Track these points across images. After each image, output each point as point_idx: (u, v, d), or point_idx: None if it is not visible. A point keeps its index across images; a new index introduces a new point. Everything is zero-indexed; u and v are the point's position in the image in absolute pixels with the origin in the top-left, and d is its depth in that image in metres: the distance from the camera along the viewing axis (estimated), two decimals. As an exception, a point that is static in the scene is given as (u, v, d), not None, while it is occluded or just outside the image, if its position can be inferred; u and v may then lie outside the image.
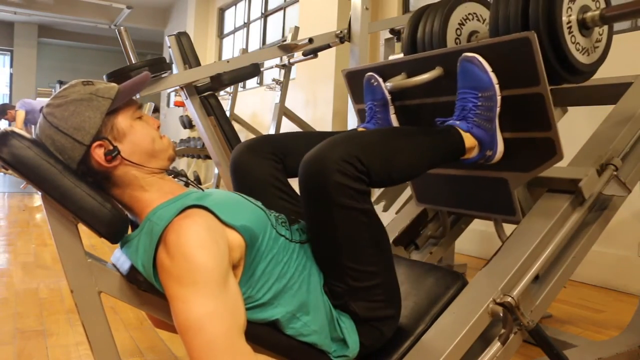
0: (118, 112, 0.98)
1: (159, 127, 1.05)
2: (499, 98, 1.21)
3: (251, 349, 0.89)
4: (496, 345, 1.09)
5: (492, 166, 1.29)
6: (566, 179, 1.28)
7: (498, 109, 1.22)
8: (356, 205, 0.99)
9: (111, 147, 0.95)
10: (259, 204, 1.08)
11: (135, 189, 0.99)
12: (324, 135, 1.26)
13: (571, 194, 1.26)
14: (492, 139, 1.23)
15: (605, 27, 1.37)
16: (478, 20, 1.58)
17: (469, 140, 1.21)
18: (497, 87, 1.20)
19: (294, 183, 1.15)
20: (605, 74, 1.47)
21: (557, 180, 1.30)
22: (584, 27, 1.30)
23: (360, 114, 1.67)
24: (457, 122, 1.22)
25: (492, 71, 1.20)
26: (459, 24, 1.53)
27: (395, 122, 1.46)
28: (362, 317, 1.04)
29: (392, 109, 1.45)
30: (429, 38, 1.53)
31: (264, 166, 1.23)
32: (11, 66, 11.08)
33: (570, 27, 1.27)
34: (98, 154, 0.95)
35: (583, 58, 1.31)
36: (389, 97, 1.44)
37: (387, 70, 1.45)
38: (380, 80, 1.44)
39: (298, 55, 3.63)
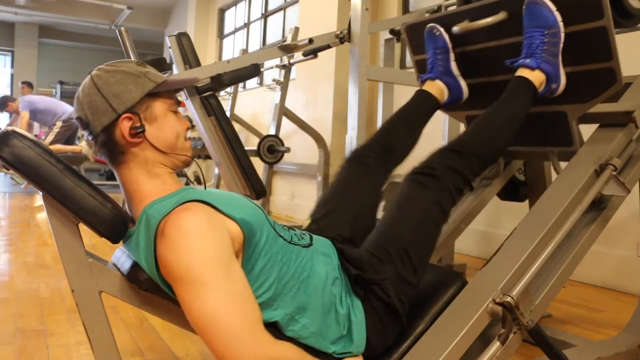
0: (158, 97, 1.01)
1: (187, 129, 1.06)
2: (562, 34, 1.32)
3: (270, 335, 0.90)
4: (496, 345, 1.09)
5: (552, 100, 1.40)
6: (619, 112, 1.40)
7: (562, 45, 1.33)
8: (446, 206, 1.18)
9: (139, 124, 0.97)
10: (259, 204, 1.08)
11: (142, 173, 0.99)
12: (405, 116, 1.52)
13: (623, 126, 1.37)
14: (557, 72, 1.35)
15: None
16: None
17: (538, 75, 1.33)
18: (561, 24, 1.31)
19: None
20: (604, 74, 1.48)
21: (610, 114, 1.41)
22: None
23: (419, 64, 1.75)
24: (527, 60, 1.33)
25: (557, 10, 1.30)
26: None
27: (455, 69, 1.56)
28: (387, 302, 1.06)
29: (452, 56, 1.55)
30: None
31: (370, 183, 1.36)
32: (12, 66, 11.08)
33: None
34: (124, 125, 0.96)
35: (635, 2, 1.41)
36: (450, 44, 1.54)
37: (449, 20, 1.53)
38: (442, 29, 1.54)
39: (298, 55, 3.63)
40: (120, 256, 1.07)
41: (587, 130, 1.46)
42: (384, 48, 3.41)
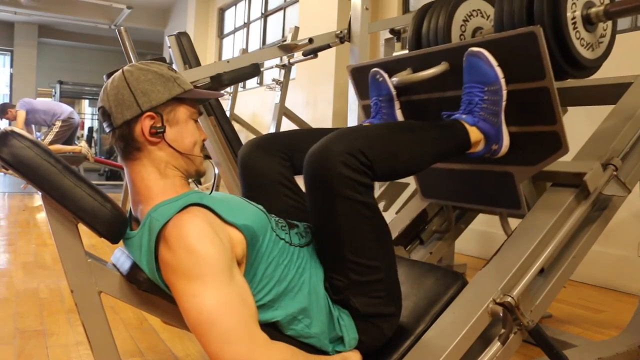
0: (183, 103, 1.02)
1: (204, 140, 1.07)
2: (504, 92, 1.22)
3: (267, 336, 0.90)
4: (496, 345, 1.09)
5: (497, 160, 1.31)
6: (571, 172, 1.29)
7: (504, 103, 1.23)
8: (359, 198, 1.00)
9: (160, 124, 0.97)
10: (261, 207, 1.08)
11: (154, 172, 0.99)
12: (331, 131, 1.28)
13: (576, 187, 1.27)
14: (498, 133, 1.24)
15: (610, 23, 1.38)
16: (482, 16, 1.59)
17: (475, 134, 1.22)
18: (503, 81, 1.21)
19: (300, 181, 1.15)
20: (605, 74, 1.47)
21: (562, 174, 1.31)
22: (589, 22, 1.32)
23: (365, 110, 1.68)
24: (464, 116, 1.23)
25: (498, 65, 1.21)
26: (464, 20, 1.54)
27: (400, 117, 1.46)
28: (363, 312, 1.04)
29: (397, 104, 1.47)
30: (433, 34, 1.54)
31: (272, 163, 1.24)
32: (11, 66, 11.07)
33: (574, 23, 1.29)
34: (146, 123, 0.97)
35: (587, 53, 1.33)
36: (394, 92, 1.45)
37: (392, 66, 1.47)
38: (386, 75, 1.45)
39: (298, 55, 3.62)
40: (119, 256, 1.07)
41: (588, 126, 1.46)
42: (384, 48, 3.41)
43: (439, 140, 1.20)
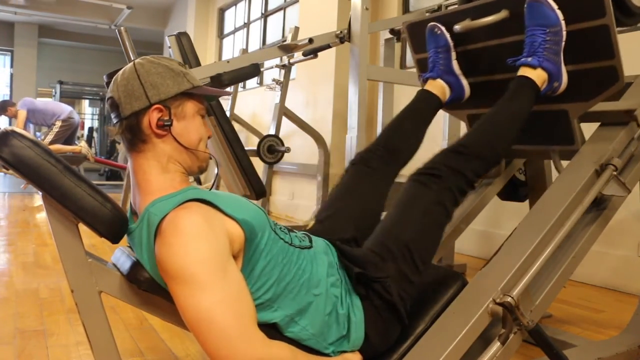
0: (191, 98, 1.03)
1: (209, 137, 1.08)
2: (564, 33, 1.32)
3: (265, 335, 0.90)
4: (496, 345, 1.09)
5: (553, 99, 1.39)
6: (621, 110, 1.39)
7: (563, 43, 1.33)
8: (449, 207, 1.16)
9: (167, 118, 0.98)
10: (261, 207, 1.08)
11: (157, 166, 0.99)
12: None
13: (625, 125, 1.36)
14: (559, 71, 1.35)
15: None
16: None
17: (540, 74, 1.33)
18: (563, 22, 1.31)
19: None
20: (605, 74, 1.47)
21: (612, 113, 1.41)
22: None
23: (420, 63, 1.74)
24: (529, 59, 1.34)
25: (559, 8, 1.30)
26: None
27: (456, 68, 1.55)
28: (389, 301, 1.06)
29: (454, 55, 1.55)
30: None
31: (379, 183, 1.38)
32: (11, 66, 11.07)
33: None
34: (153, 116, 0.97)
35: (637, 0, 1.41)
36: (451, 43, 1.54)
37: (450, 19, 1.52)
38: (443, 28, 1.53)
39: (298, 55, 3.63)
40: (120, 256, 1.07)
41: (588, 130, 1.46)
42: (384, 48, 3.41)
43: (524, 110, 1.35)
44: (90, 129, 10.73)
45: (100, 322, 1.02)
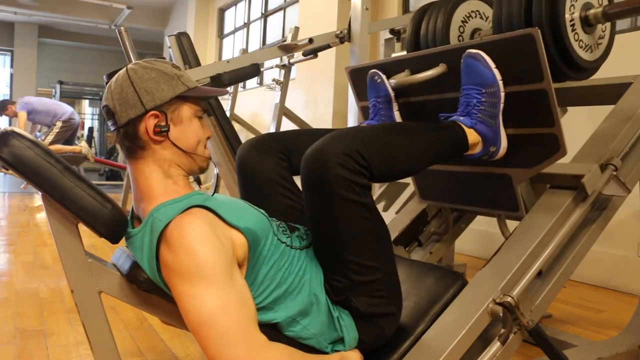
0: (187, 101, 1.01)
1: (208, 137, 1.07)
2: (502, 94, 1.21)
3: (265, 337, 0.90)
4: (496, 345, 1.09)
5: (495, 162, 1.30)
6: (569, 174, 1.28)
7: (502, 105, 1.22)
8: (357, 199, 1.00)
9: (164, 123, 0.97)
10: (263, 211, 1.08)
11: (158, 171, 0.99)
12: (329, 132, 1.28)
13: (574, 189, 1.27)
14: (495, 135, 1.24)
15: (608, 24, 1.38)
16: (481, 17, 1.58)
17: (472, 136, 1.21)
18: (500, 83, 1.20)
19: (299, 181, 1.15)
20: (605, 74, 1.47)
21: (560, 176, 1.31)
22: (587, 24, 1.31)
23: (364, 111, 1.67)
24: (461, 118, 1.22)
25: (496, 67, 1.20)
26: (462, 21, 1.54)
27: (399, 119, 1.46)
28: (363, 312, 1.04)
29: (395, 106, 1.46)
30: (432, 36, 1.54)
31: (270, 164, 1.23)
32: (11, 66, 11.07)
33: (573, 25, 1.28)
34: (150, 122, 0.97)
35: (586, 55, 1.32)
36: (392, 93, 1.45)
37: (390, 67, 1.46)
38: (384, 77, 1.44)
39: (298, 55, 3.63)
40: (120, 256, 1.07)
41: (591, 121, 1.46)
42: (384, 48, 3.41)
43: (437, 142, 1.19)
44: (90, 129, 10.73)
45: (100, 322, 1.02)
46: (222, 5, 7.87)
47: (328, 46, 2.86)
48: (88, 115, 12.44)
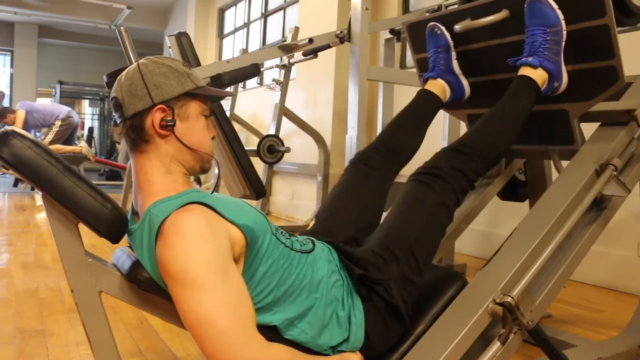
0: (195, 99, 1.02)
1: (213, 137, 1.07)
2: (564, 32, 1.32)
3: (263, 337, 0.90)
4: (496, 345, 1.09)
5: (553, 99, 1.39)
6: (621, 110, 1.38)
7: (564, 43, 1.33)
8: (451, 206, 1.17)
9: (170, 118, 0.98)
10: (261, 211, 1.08)
11: (159, 166, 0.99)
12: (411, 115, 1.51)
13: (624, 125, 1.36)
14: (559, 71, 1.35)
15: None
16: None
17: (540, 74, 1.33)
18: (563, 22, 1.31)
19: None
20: (605, 74, 1.47)
21: (611, 112, 1.40)
22: None
23: (420, 63, 1.74)
24: (530, 59, 1.33)
25: (559, 8, 1.30)
26: None
27: (457, 68, 1.55)
28: (389, 303, 1.06)
29: (454, 54, 1.55)
30: None
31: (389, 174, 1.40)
32: (11, 66, 11.07)
33: None
34: (157, 116, 0.97)
35: (638, 0, 1.40)
36: (452, 42, 1.54)
37: (450, 19, 1.52)
38: (443, 28, 1.53)
39: (298, 55, 3.63)
40: (120, 256, 1.07)
41: (588, 129, 1.46)
42: (384, 48, 3.41)
43: (526, 112, 1.35)
44: (90, 129, 10.73)
45: (100, 322, 1.02)
46: (222, 5, 7.87)
47: (328, 46, 2.86)
48: (88, 115, 12.44)
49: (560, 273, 1.26)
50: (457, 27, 1.45)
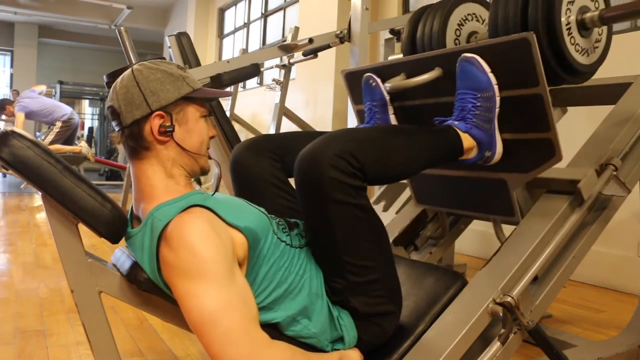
0: (192, 102, 1.02)
1: (212, 137, 1.07)
2: (498, 99, 1.20)
3: (268, 336, 0.90)
4: (496, 345, 1.09)
5: (491, 167, 1.29)
6: (565, 179, 1.27)
7: (497, 110, 1.21)
8: (351, 201, 0.99)
9: (169, 124, 0.98)
10: (263, 210, 1.08)
11: (160, 171, 0.99)
12: (323, 134, 1.27)
13: (570, 194, 1.26)
14: (490, 140, 1.23)
15: (605, 28, 1.37)
16: (477, 20, 1.58)
17: (467, 140, 1.21)
18: (496, 87, 1.20)
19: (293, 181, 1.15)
20: (605, 74, 1.47)
21: (556, 181, 1.30)
22: (583, 27, 1.30)
23: (360, 114, 1.67)
24: (456, 123, 1.22)
25: (491, 72, 1.19)
26: (459, 24, 1.53)
27: (394, 122, 1.45)
28: (362, 312, 1.04)
29: (391, 109, 1.45)
30: (428, 38, 1.53)
31: (264, 165, 1.23)
32: (11, 66, 11.07)
33: (569, 28, 1.27)
34: (155, 123, 0.97)
35: (582, 59, 1.31)
36: (387, 97, 1.44)
37: (386, 71, 1.45)
38: (379, 80, 1.44)
39: (298, 55, 3.63)
40: (119, 256, 1.07)
41: (587, 129, 1.46)
42: (384, 48, 3.41)
43: (432, 145, 1.19)
44: (90, 129, 10.73)
45: (100, 322, 1.02)
46: (222, 5, 7.87)
47: (328, 46, 2.86)
48: (88, 115, 12.44)
49: (560, 273, 1.26)
50: (388, 86, 1.37)
